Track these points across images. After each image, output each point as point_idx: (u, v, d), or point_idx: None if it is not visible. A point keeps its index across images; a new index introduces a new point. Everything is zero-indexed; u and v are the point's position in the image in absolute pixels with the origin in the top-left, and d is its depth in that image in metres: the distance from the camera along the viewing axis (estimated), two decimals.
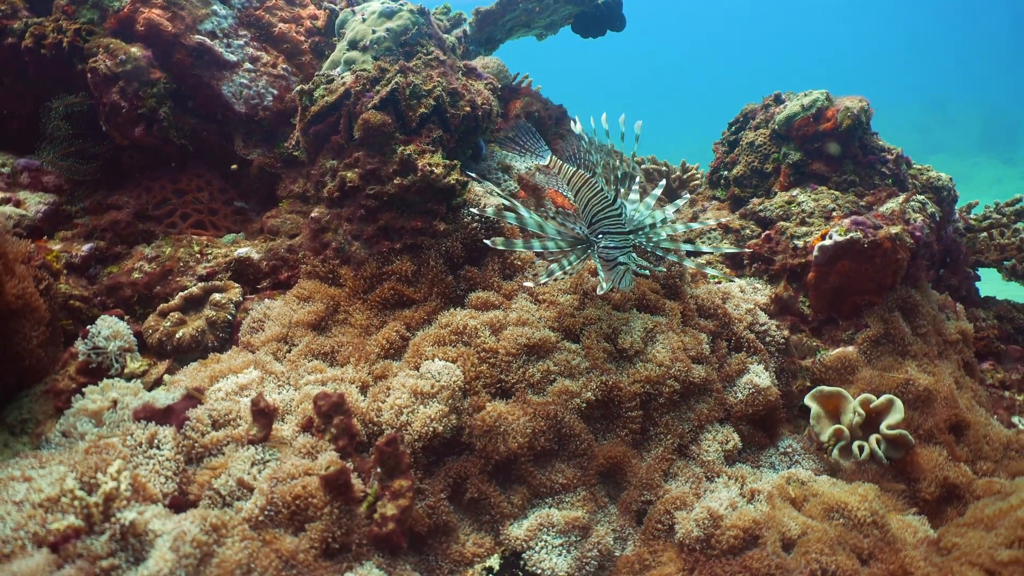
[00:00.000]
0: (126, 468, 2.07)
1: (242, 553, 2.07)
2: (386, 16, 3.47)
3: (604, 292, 2.90)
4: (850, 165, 3.81)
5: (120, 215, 3.54)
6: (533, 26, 4.57)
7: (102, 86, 3.46)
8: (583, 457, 2.81)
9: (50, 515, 2.05)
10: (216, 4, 3.73)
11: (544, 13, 4.36)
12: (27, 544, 1.96)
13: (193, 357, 3.25)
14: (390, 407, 2.69)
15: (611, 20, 4.35)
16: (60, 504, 2.09)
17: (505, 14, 4.29)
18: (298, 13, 4.08)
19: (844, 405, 3.20)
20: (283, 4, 4.02)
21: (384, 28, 3.44)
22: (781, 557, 2.55)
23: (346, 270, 3.26)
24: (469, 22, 4.37)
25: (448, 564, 2.55)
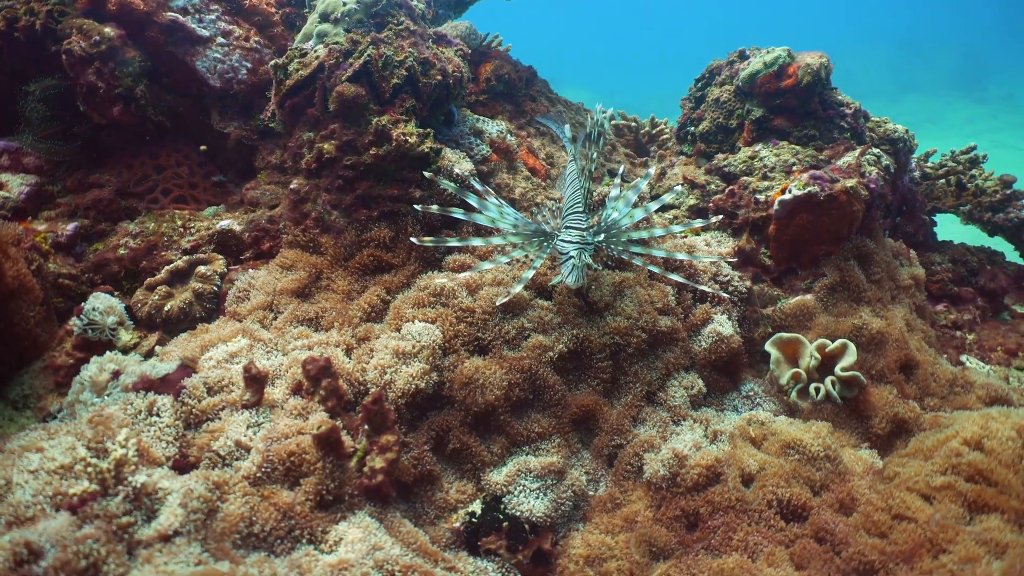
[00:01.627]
0: (133, 436, 2.23)
1: (244, 507, 2.26)
2: None
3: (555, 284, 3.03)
4: (810, 120, 3.95)
5: (103, 193, 3.64)
6: None
7: (78, 67, 3.51)
8: (557, 407, 3.01)
9: (64, 481, 2.23)
10: None
11: None
12: (46, 508, 2.14)
13: (182, 328, 3.40)
14: (374, 367, 2.86)
15: None
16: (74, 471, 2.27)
17: None
18: None
19: (802, 350, 3.41)
20: None
21: (355, 0, 3.50)
22: (741, 491, 2.79)
23: (326, 238, 3.39)
24: None
25: (434, 510, 2.76)
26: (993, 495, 2.42)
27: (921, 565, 2.26)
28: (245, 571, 2.03)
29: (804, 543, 2.56)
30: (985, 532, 2.32)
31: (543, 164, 4.13)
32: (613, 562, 2.67)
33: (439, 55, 3.58)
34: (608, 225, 3.16)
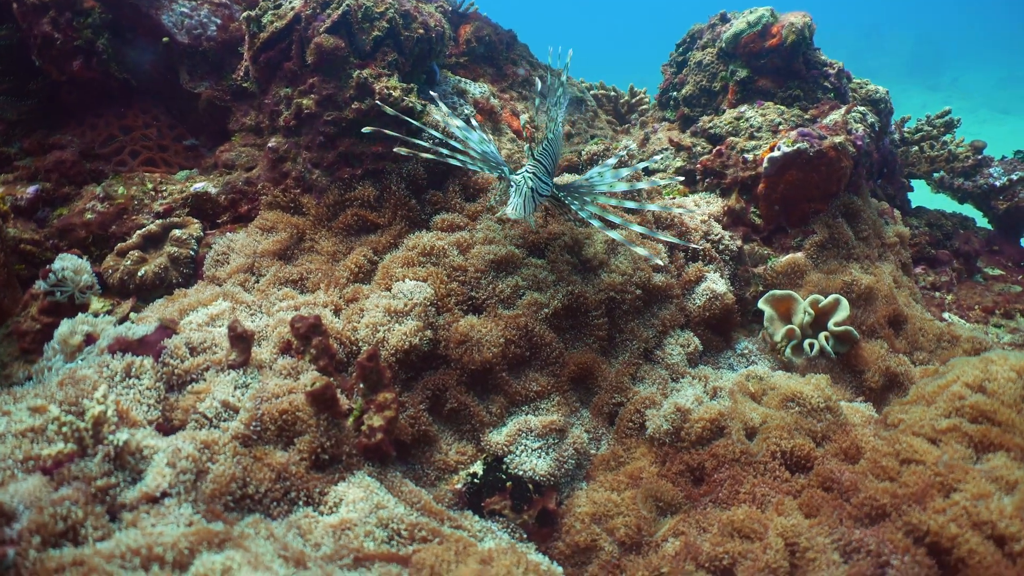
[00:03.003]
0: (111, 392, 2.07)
1: (236, 467, 2.12)
2: None
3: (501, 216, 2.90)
4: (795, 80, 3.93)
5: (65, 155, 3.41)
6: None
7: (31, 16, 3.28)
8: (555, 365, 2.93)
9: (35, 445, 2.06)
10: None
11: None
12: (16, 473, 1.97)
13: (157, 295, 3.21)
14: (365, 325, 2.73)
15: None
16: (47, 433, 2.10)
17: None
18: None
19: (795, 307, 3.39)
20: None
21: None
22: (745, 444, 2.74)
23: (308, 198, 3.24)
24: None
25: (434, 472, 2.65)
26: (998, 434, 2.41)
27: (934, 505, 2.24)
28: (241, 531, 1.89)
29: (812, 492, 2.52)
30: (993, 470, 2.31)
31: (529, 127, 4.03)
32: (620, 518, 2.60)
33: (420, 9, 3.45)
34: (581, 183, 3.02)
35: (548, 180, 2.89)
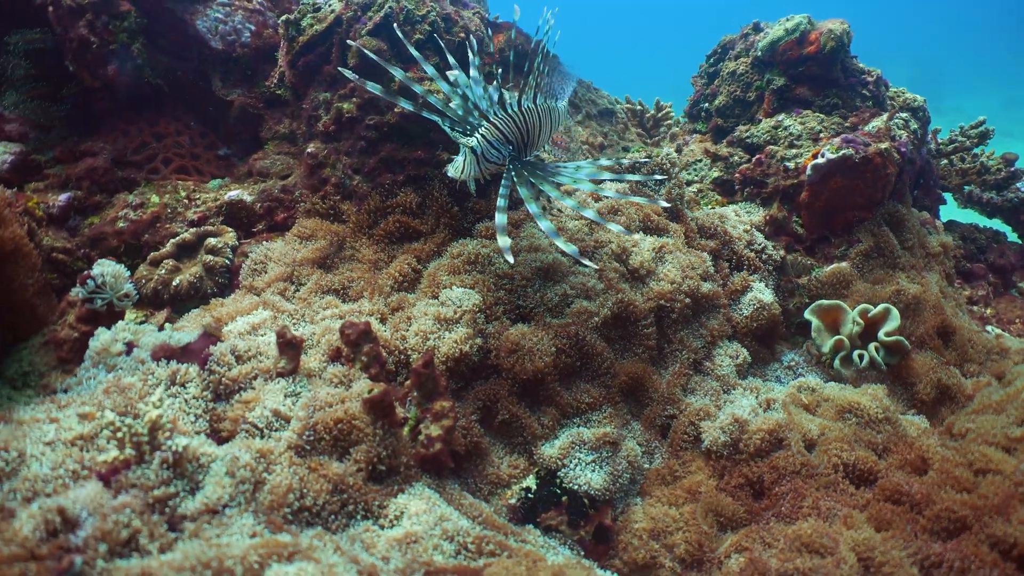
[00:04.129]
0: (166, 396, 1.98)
1: (293, 478, 2.02)
2: None
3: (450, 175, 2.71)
4: (833, 88, 3.89)
5: (97, 162, 3.35)
6: None
7: (67, 20, 3.23)
8: (606, 375, 2.84)
9: (86, 452, 1.96)
10: None
11: None
12: (67, 482, 1.87)
13: (191, 305, 3.13)
14: (415, 333, 2.65)
15: None
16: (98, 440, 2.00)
17: None
18: None
19: (843, 317, 3.31)
20: None
21: None
22: (805, 456, 2.66)
23: (348, 205, 3.17)
24: None
25: (487, 486, 2.55)
26: None
27: (1018, 515, 2.15)
28: (309, 543, 1.79)
29: (880, 505, 2.43)
30: None
31: (561, 135, 3.97)
32: (679, 534, 2.50)
33: (461, 13, 3.41)
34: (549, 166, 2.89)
35: (502, 148, 2.73)
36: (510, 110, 2.78)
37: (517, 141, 2.79)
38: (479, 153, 2.66)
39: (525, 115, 2.80)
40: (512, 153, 2.79)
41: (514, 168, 2.75)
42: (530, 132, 2.83)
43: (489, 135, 2.69)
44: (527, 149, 2.88)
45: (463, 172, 2.66)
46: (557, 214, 3.25)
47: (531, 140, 2.86)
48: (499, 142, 2.71)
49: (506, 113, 2.77)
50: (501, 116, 2.75)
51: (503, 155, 2.74)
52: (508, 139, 2.75)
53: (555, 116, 3.03)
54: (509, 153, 2.77)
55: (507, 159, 2.76)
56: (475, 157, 2.65)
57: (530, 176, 2.73)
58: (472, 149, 2.65)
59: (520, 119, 2.78)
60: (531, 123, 2.82)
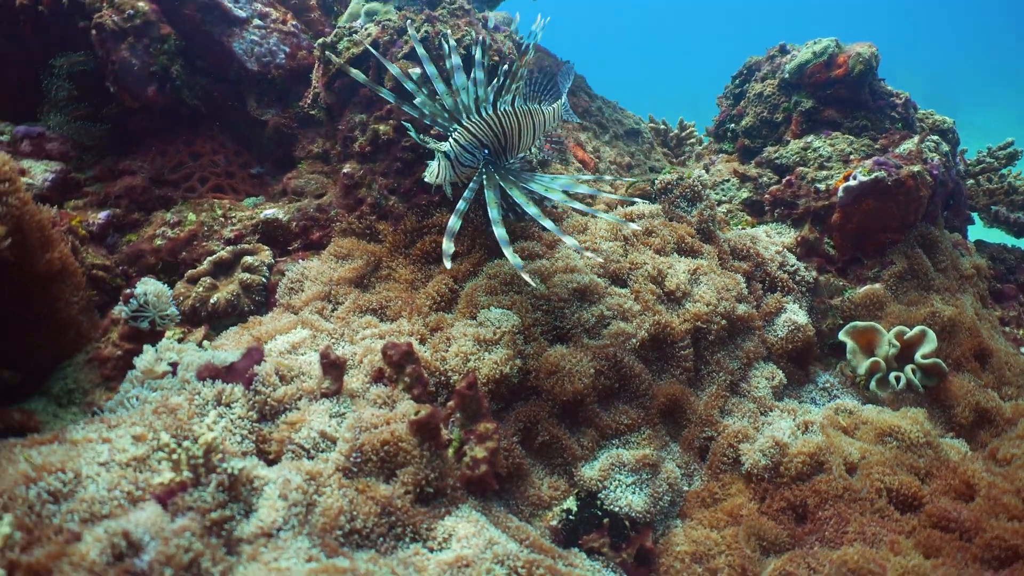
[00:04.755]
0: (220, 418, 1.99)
1: (343, 500, 2.02)
2: None
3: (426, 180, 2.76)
4: (861, 111, 3.91)
5: (135, 180, 3.38)
6: None
7: (110, 43, 3.28)
8: (644, 397, 2.84)
9: (140, 473, 1.97)
10: None
11: None
12: (124, 503, 1.88)
13: (227, 323, 3.15)
14: (455, 354, 2.65)
15: None
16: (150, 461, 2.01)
17: None
18: None
19: (878, 339, 3.30)
20: None
21: None
22: (847, 480, 2.64)
23: (384, 225, 3.19)
24: None
25: (528, 508, 2.54)
26: None
27: None
28: (366, 568, 1.79)
29: (927, 532, 2.41)
30: None
31: (591, 157, 4.00)
32: (722, 558, 2.49)
33: (494, 37, 3.44)
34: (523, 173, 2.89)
35: (476, 152, 2.74)
36: (484, 114, 2.79)
37: (493, 145, 2.80)
38: (452, 158, 2.70)
39: (500, 118, 2.80)
40: (488, 157, 2.79)
41: (486, 171, 2.76)
42: (508, 135, 2.83)
43: (462, 139, 2.72)
44: (507, 152, 2.88)
45: (438, 177, 2.70)
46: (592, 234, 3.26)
47: (510, 143, 2.86)
48: (472, 146, 2.73)
49: (480, 117, 2.78)
50: (474, 120, 2.77)
51: (477, 159, 2.76)
52: (482, 143, 2.77)
53: (540, 119, 3.02)
54: (484, 156, 2.78)
55: (481, 163, 2.77)
56: (449, 162, 2.69)
57: (501, 180, 2.74)
58: (445, 154, 2.69)
59: (495, 122, 2.79)
60: (508, 126, 2.83)
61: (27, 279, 2.39)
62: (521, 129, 2.89)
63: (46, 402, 2.59)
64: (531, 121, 2.94)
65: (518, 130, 2.87)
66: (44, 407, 2.57)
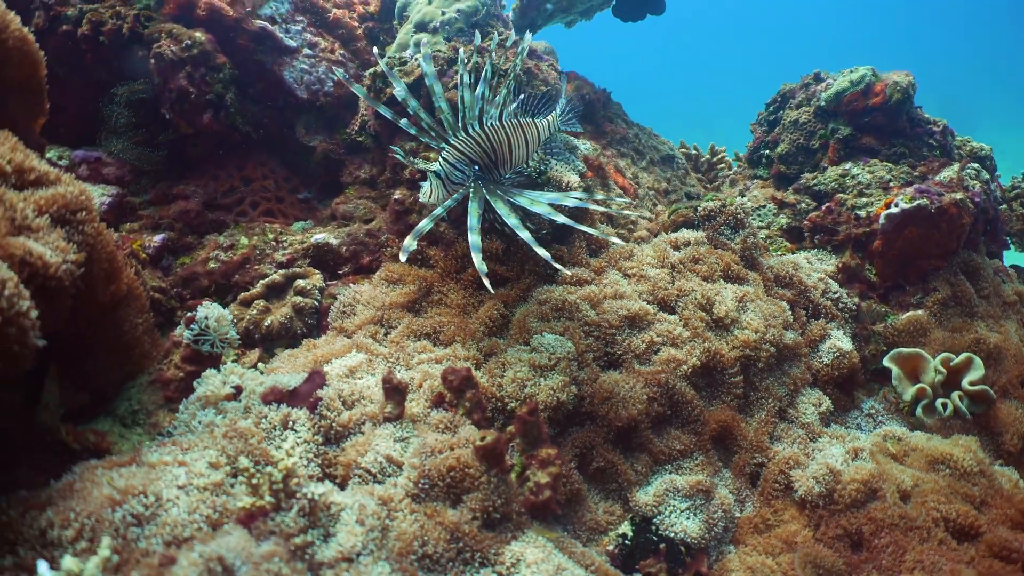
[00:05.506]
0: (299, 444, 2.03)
1: (415, 525, 2.05)
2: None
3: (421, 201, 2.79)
4: (899, 138, 3.95)
5: (189, 204, 3.46)
6: (572, 12, 4.60)
7: (168, 72, 3.37)
8: (696, 423, 2.86)
9: (217, 497, 2.01)
10: None
11: None
12: (203, 526, 1.91)
13: (279, 345, 3.20)
14: (511, 380, 2.69)
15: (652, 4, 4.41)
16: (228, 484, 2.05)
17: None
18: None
19: (923, 365, 3.32)
20: None
21: (455, 9, 3.44)
22: (902, 508, 2.64)
23: (435, 251, 3.24)
24: (513, 7, 4.38)
25: (585, 532, 2.56)
26: None
27: None
28: None
29: (989, 562, 2.42)
30: None
31: (631, 183, 4.05)
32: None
33: (540, 67, 3.52)
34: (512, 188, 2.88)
35: (466, 168, 2.74)
36: (471, 130, 2.79)
37: (483, 160, 2.81)
38: (443, 176, 2.72)
39: (489, 133, 2.80)
40: (479, 172, 2.80)
41: (474, 185, 2.77)
42: (497, 150, 2.83)
43: (451, 157, 2.72)
44: (498, 166, 2.87)
45: (431, 197, 2.72)
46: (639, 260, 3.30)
47: (501, 158, 2.85)
48: (461, 163, 2.75)
49: (467, 134, 2.78)
50: (462, 137, 2.77)
51: (467, 175, 2.75)
52: (471, 159, 2.77)
53: (532, 132, 3.01)
54: (475, 172, 2.79)
55: (471, 179, 2.76)
56: (441, 181, 2.71)
57: (487, 194, 2.75)
58: (436, 173, 2.71)
59: (483, 138, 2.79)
60: (497, 141, 2.82)
61: (98, 304, 2.45)
62: (511, 143, 2.87)
63: (112, 422, 2.63)
64: (522, 135, 2.93)
65: (508, 144, 2.86)
66: (110, 427, 2.61)
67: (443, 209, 2.67)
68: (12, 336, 1.73)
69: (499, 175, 2.90)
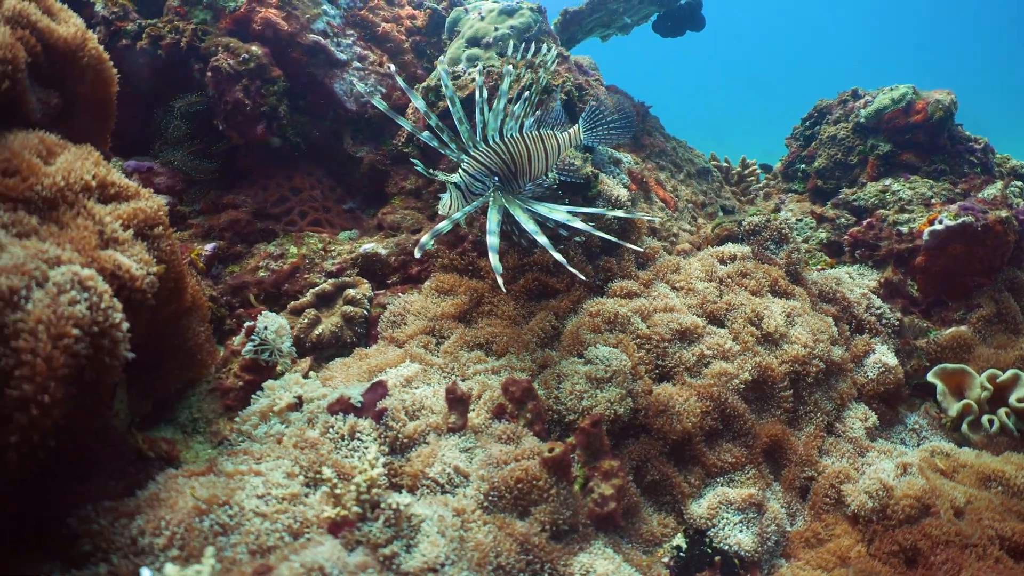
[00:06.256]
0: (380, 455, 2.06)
1: (489, 536, 2.08)
2: (507, 14, 3.52)
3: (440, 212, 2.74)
4: (939, 155, 3.98)
5: (240, 214, 3.51)
6: (611, 26, 4.65)
7: (224, 84, 3.42)
8: (747, 436, 2.88)
9: (295, 506, 2.04)
10: (325, 4, 3.73)
11: (627, 13, 4.46)
12: (284, 536, 1.95)
13: (328, 354, 3.23)
14: (568, 392, 2.72)
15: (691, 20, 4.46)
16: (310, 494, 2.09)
17: (592, 14, 4.38)
18: (398, 13, 4.10)
19: (968, 381, 3.34)
20: (384, 4, 4.03)
21: (507, 26, 3.49)
22: (957, 524, 2.66)
23: (486, 262, 3.28)
24: (555, 22, 4.43)
25: (641, 544, 2.59)
26: None
27: None
28: None
29: None
30: None
31: (671, 196, 4.09)
32: None
33: (589, 82, 3.56)
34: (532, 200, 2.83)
35: (486, 180, 2.71)
36: (491, 142, 2.76)
37: (502, 171, 2.76)
38: (463, 188, 2.68)
39: (508, 145, 2.76)
40: (498, 184, 2.75)
41: (493, 196, 2.73)
42: (517, 161, 2.79)
43: (471, 168, 2.69)
44: (518, 178, 2.82)
45: (451, 208, 2.70)
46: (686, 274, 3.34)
47: (520, 169, 2.81)
48: (481, 174, 2.70)
49: (487, 145, 2.75)
50: (482, 148, 2.74)
51: (487, 186, 2.72)
52: (491, 170, 2.73)
53: (553, 144, 2.95)
54: (494, 184, 2.74)
55: (490, 189, 2.73)
56: (460, 192, 2.68)
57: (506, 203, 2.72)
58: (456, 185, 2.69)
59: (502, 149, 2.75)
60: (517, 152, 2.79)
61: (168, 315, 2.50)
62: (531, 155, 2.84)
63: (173, 430, 2.67)
64: (542, 146, 2.89)
65: (527, 156, 2.83)
66: (172, 435, 2.66)
67: (463, 214, 2.63)
68: (106, 348, 1.78)
69: (518, 186, 2.88)
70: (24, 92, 2.32)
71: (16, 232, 1.93)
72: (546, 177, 3.12)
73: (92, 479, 2.10)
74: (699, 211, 4.39)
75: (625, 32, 4.92)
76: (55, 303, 1.68)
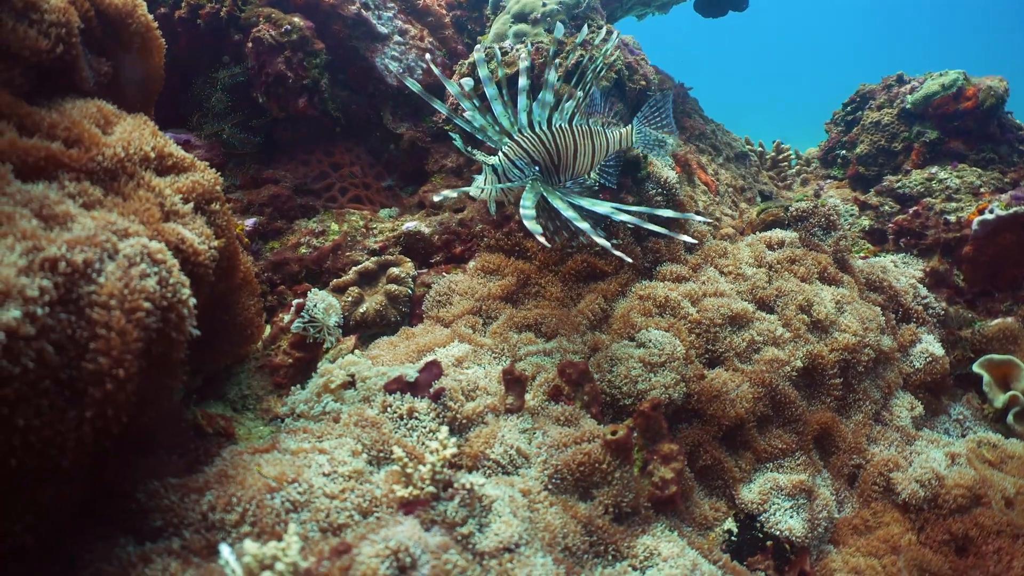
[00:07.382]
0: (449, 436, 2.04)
1: (558, 519, 2.07)
2: None
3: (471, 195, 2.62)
4: (988, 143, 3.92)
5: (280, 189, 3.46)
6: (651, 4, 4.57)
7: (266, 56, 3.36)
8: (797, 423, 2.87)
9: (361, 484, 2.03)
10: None
11: None
12: (353, 514, 1.94)
13: (372, 332, 3.21)
14: (623, 377, 2.70)
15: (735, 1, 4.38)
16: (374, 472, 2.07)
17: None
18: None
19: (1014, 373, 3.31)
20: None
21: (556, 1, 3.41)
22: (1008, 514, 2.65)
23: (533, 243, 3.24)
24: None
25: (693, 527, 2.58)
26: None
27: None
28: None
29: None
30: None
31: (712, 179, 4.04)
32: None
33: (639, 62, 3.50)
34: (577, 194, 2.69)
35: (526, 168, 2.57)
36: (538, 129, 2.62)
37: (545, 162, 2.62)
38: (500, 172, 2.54)
39: (556, 135, 2.62)
40: (537, 174, 2.62)
41: (531, 184, 2.60)
42: (561, 153, 2.65)
43: (512, 153, 2.54)
44: (559, 172, 2.68)
45: (484, 193, 2.57)
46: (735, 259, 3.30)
47: (563, 162, 2.66)
48: (522, 161, 2.56)
49: (532, 132, 2.61)
50: (527, 135, 2.59)
51: (526, 175, 2.58)
52: (533, 159, 2.59)
53: (601, 141, 2.81)
54: (534, 173, 2.60)
55: (529, 179, 2.59)
56: (496, 177, 2.54)
57: (545, 192, 2.59)
58: (493, 168, 2.53)
59: (548, 138, 2.61)
60: (563, 144, 2.64)
61: (224, 289, 2.46)
62: (577, 150, 2.69)
63: (223, 407, 2.66)
64: (590, 143, 2.74)
65: (573, 150, 2.68)
66: (222, 411, 2.64)
67: (493, 188, 2.52)
68: (173, 322, 1.75)
69: (558, 180, 2.73)
70: (78, 58, 2.27)
71: (82, 203, 1.89)
72: (587, 176, 2.98)
73: (154, 454, 2.08)
74: (738, 196, 4.34)
75: (664, 11, 4.84)
76: (127, 276, 1.65)
